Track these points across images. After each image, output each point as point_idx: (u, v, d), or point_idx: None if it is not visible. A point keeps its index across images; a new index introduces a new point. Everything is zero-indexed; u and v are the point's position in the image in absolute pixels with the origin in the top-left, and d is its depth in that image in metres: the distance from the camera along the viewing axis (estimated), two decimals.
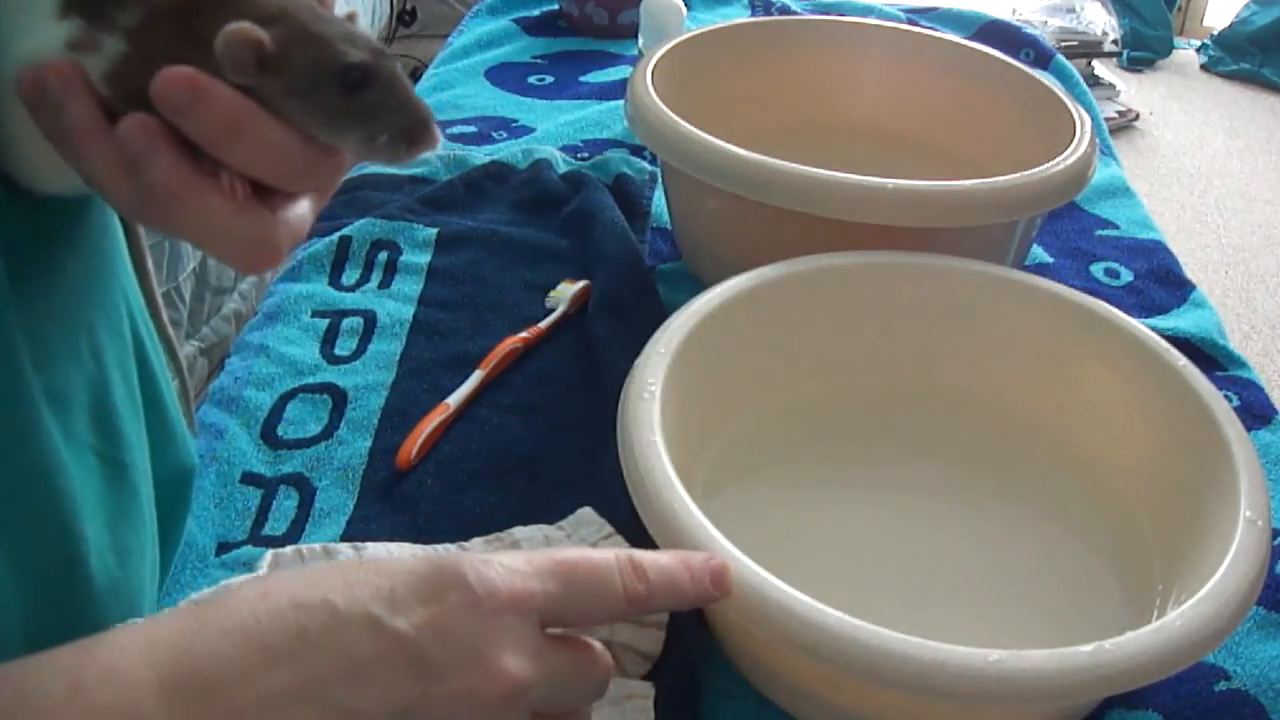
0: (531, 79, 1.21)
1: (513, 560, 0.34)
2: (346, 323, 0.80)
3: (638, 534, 0.53)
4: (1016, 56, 1.06)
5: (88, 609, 0.49)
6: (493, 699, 0.32)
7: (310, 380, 0.74)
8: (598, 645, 0.36)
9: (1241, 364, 0.80)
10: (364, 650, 0.31)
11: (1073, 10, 3.16)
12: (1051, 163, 0.74)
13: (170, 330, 0.55)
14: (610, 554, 0.36)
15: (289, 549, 0.58)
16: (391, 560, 0.32)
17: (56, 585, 0.46)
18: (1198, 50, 3.65)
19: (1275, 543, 0.54)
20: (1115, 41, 3.16)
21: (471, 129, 1.09)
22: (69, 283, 0.45)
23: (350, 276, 0.85)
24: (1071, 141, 0.77)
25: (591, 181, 0.95)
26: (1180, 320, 0.84)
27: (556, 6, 1.36)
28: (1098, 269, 0.92)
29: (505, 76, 1.22)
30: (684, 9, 1.10)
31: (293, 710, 0.30)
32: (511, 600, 0.33)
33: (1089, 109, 1.12)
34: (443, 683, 0.31)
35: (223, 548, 0.62)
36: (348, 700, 0.30)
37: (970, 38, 1.24)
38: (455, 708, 0.31)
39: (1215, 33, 3.60)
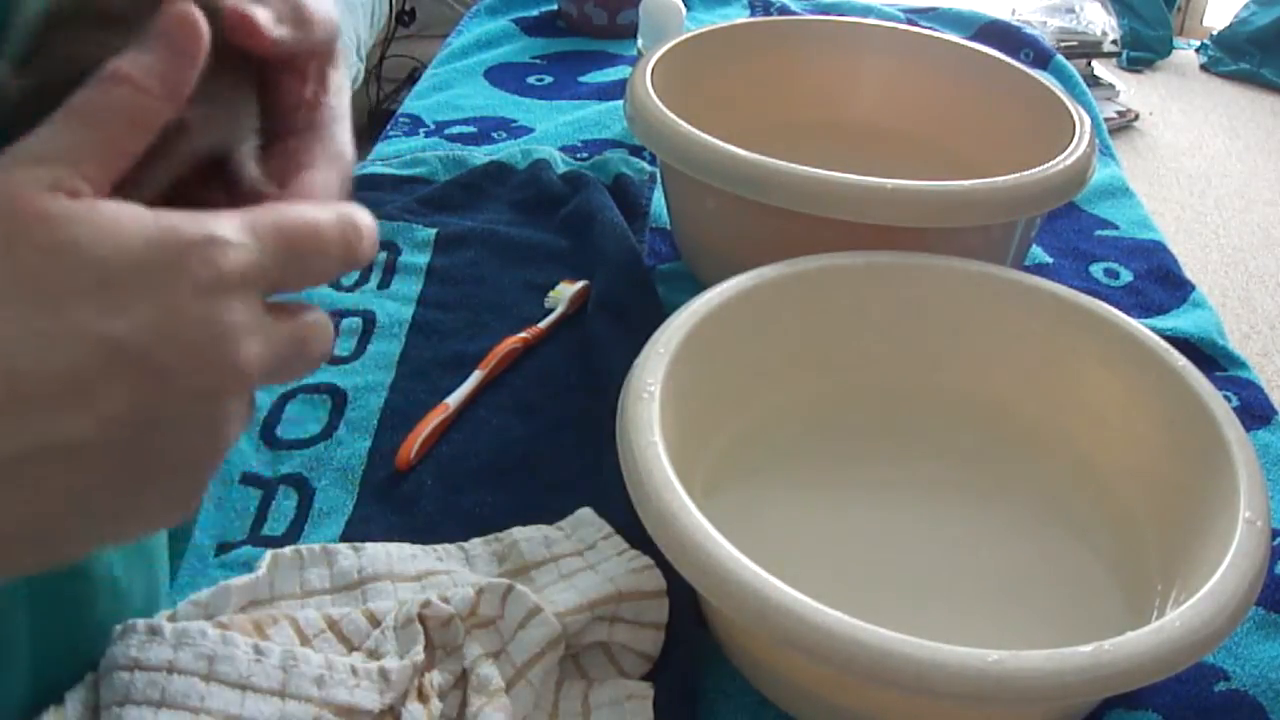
0: (530, 79, 1.21)
1: (235, 230, 0.29)
2: (346, 323, 0.80)
3: (638, 534, 0.53)
4: (1016, 56, 1.06)
5: (91, 608, 0.49)
6: (230, 394, 0.29)
7: (309, 380, 0.74)
8: (318, 313, 0.32)
9: (1241, 364, 0.80)
10: (87, 370, 0.26)
11: (1072, 10, 3.17)
12: (1051, 163, 0.74)
13: None
14: (324, 217, 0.32)
15: (288, 549, 0.57)
16: (98, 232, 0.27)
17: (59, 585, 0.46)
18: (1197, 50, 3.65)
19: (1275, 543, 0.54)
20: (1115, 42, 3.16)
21: (471, 129, 1.09)
22: None
23: (349, 277, 0.85)
24: (1071, 141, 0.77)
25: (591, 181, 0.95)
26: (1180, 320, 0.84)
27: (555, 7, 1.36)
28: (1097, 269, 0.92)
29: (504, 77, 1.22)
30: (684, 9, 1.10)
31: (29, 475, 0.26)
32: (241, 280, 0.29)
33: (1089, 109, 1.12)
34: (180, 384, 0.28)
35: (222, 548, 0.62)
36: (77, 433, 0.26)
37: (970, 38, 1.24)
38: (190, 409, 0.28)
39: (1215, 33, 3.60)
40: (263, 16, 0.32)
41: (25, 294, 0.26)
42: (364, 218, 0.33)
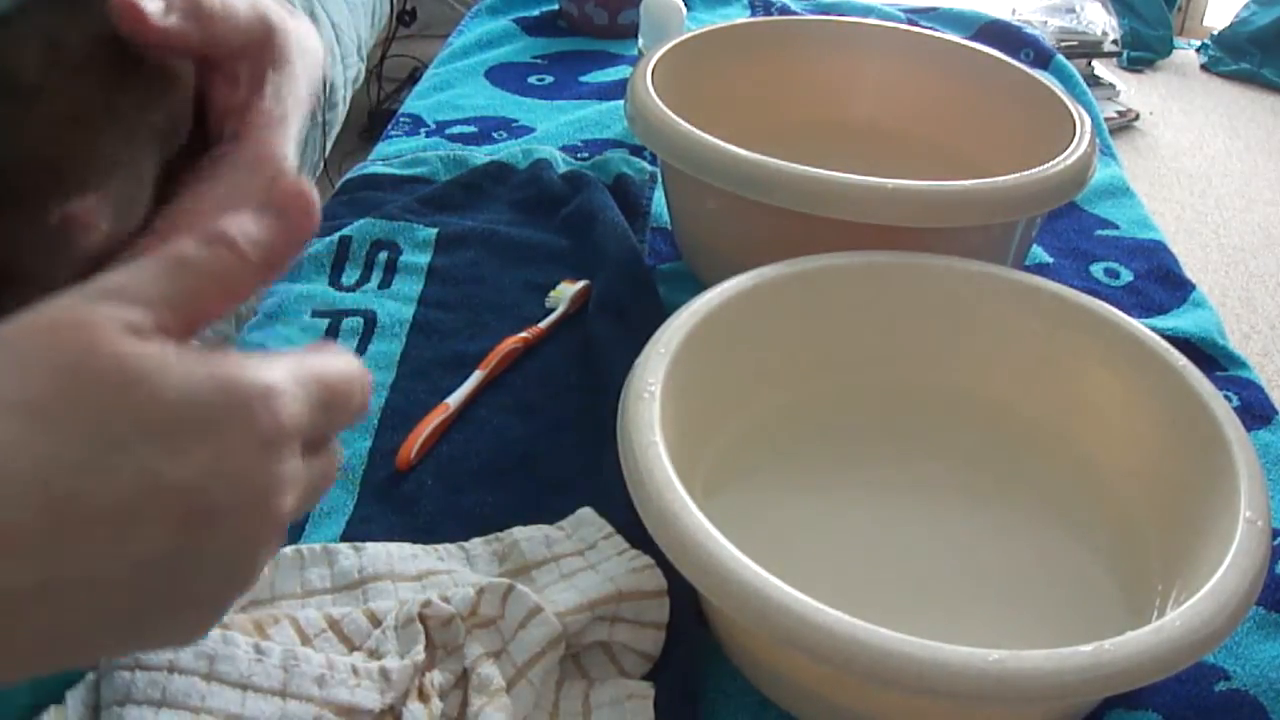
0: (531, 79, 1.21)
1: (291, 385, 0.30)
2: (346, 323, 0.80)
3: (638, 534, 0.53)
4: (1016, 56, 1.06)
5: None
6: (266, 546, 0.30)
7: None
8: (337, 448, 0.33)
9: (1241, 364, 0.80)
10: (132, 508, 0.26)
11: (1073, 10, 3.16)
12: (1051, 163, 0.74)
13: None
14: (356, 366, 0.32)
15: (289, 549, 0.58)
16: (170, 373, 0.27)
17: None
18: (1198, 50, 3.65)
19: (1275, 543, 0.54)
20: (1115, 42, 3.16)
21: (471, 129, 1.09)
22: None
23: (350, 276, 0.85)
24: (1071, 141, 0.77)
25: (591, 181, 0.95)
26: (1180, 320, 0.84)
27: (556, 6, 1.36)
28: (1098, 269, 0.92)
29: (505, 76, 1.22)
30: (684, 9, 1.10)
31: (61, 595, 0.27)
32: (293, 432, 0.29)
33: (1089, 109, 1.12)
34: (221, 532, 0.28)
35: None
36: (114, 563, 0.27)
37: (970, 38, 1.24)
38: (223, 553, 0.29)
39: (1215, 33, 3.60)
40: (151, 6, 0.32)
41: (89, 425, 0.26)
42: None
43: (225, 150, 0.36)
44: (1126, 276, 0.91)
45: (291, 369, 0.30)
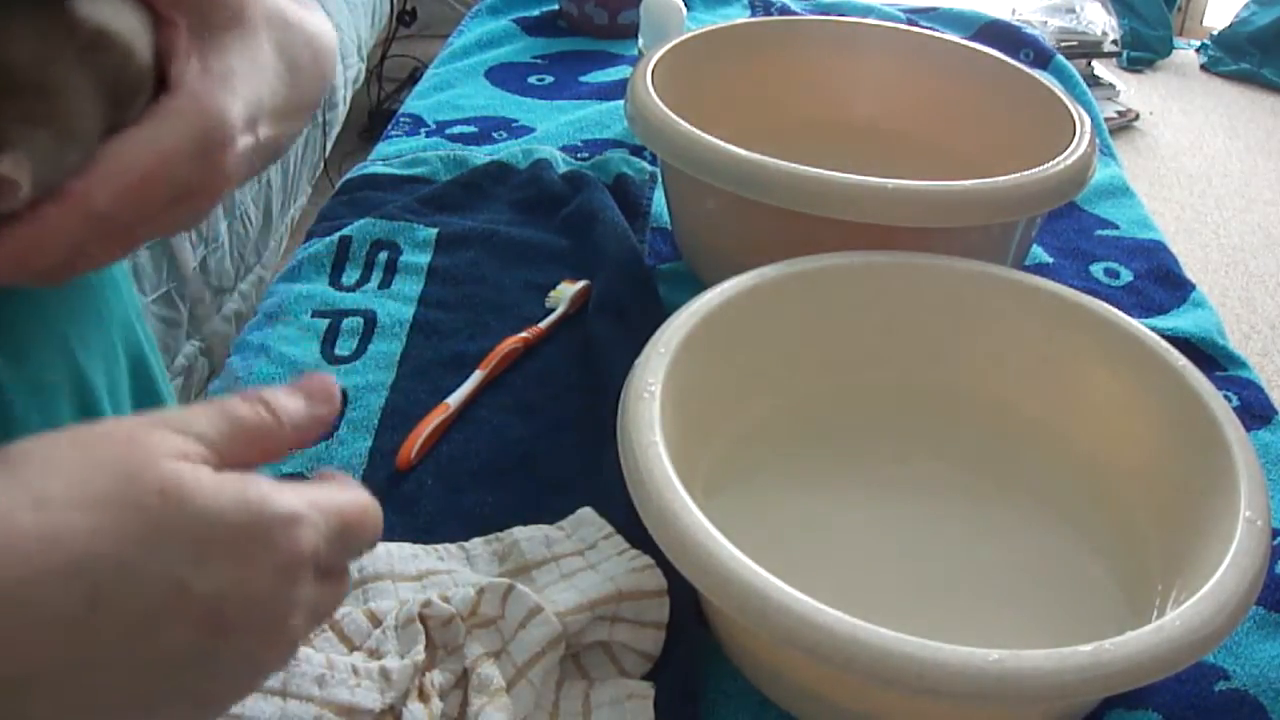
0: (531, 79, 1.21)
1: (312, 515, 0.33)
2: (347, 323, 0.80)
3: (638, 534, 0.53)
4: (1016, 56, 1.06)
5: None
6: (275, 659, 0.33)
7: None
8: (350, 571, 0.37)
9: (1241, 364, 0.80)
10: (159, 607, 0.29)
11: (1072, 10, 3.16)
12: (1051, 163, 0.74)
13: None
14: (369, 499, 0.36)
15: None
16: (203, 491, 0.30)
17: None
18: (1197, 50, 3.65)
19: (1275, 543, 0.54)
20: (1115, 42, 3.16)
21: (471, 129, 1.09)
22: None
23: (350, 276, 0.85)
24: (1071, 141, 0.77)
25: (591, 181, 0.95)
26: (1180, 320, 0.84)
27: (556, 6, 1.36)
28: (1097, 269, 0.92)
29: (505, 76, 1.22)
30: (684, 9, 1.10)
31: (82, 674, 0.29)
32: (311, 559, 0.32)
33: (1089, 109, 1.12)
34: (234, 641, 0.31)
35: None
36: (134, 654, 0.30)
37: (970, 38, 1.24)
38: (239, 663, 0.32)
39: (1215, 33, 3.60)
40: None
41: (135, 528, 0.29)
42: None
43: (162, 99, 0.38)
44: (1126, 276, 0.91)
45: (313, 499, 0.33)
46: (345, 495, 0.35)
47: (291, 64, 0.45)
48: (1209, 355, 0.81)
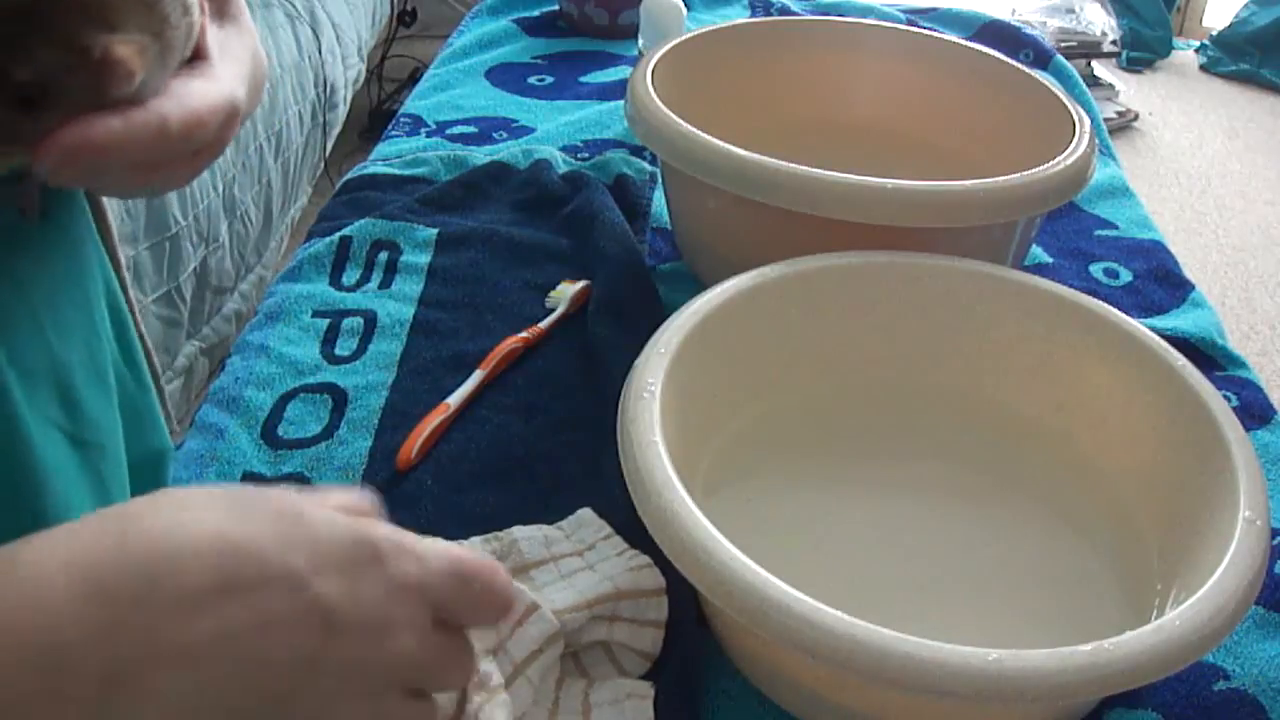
0: (531, 79, 1.21)
1: (424, 551, 0.36)
2: (347, 323, 0.80)
3: (638, 534, 0.53)
4: (1016, 57, 1.06)
5: None
6: (382, 668, 0.35)
7: (310, 380, 0.74)
8: (470, 641, 0.38)
9: (1241, 364, 0.80)
10: (282, 607, 0.32)
11: (1072, 10, 3.16)
12: (1051, 163, 0.74)
13: (134, 303, 0.57)
14: (505, 572, 0.38)
15: None
16: (318, 517, 0.35)
17: None
18: (1197, 51, 3.65)
19: (1275, 542, 0.54)
20: (1114, 42, 3.16)
21: (472, 129, 1.09)
22: (25, 249, 0.45)
23: (350, 277, 0.85)
24: (1071, 141, 0.77)
25: (591, 181, 0.95)
26: (1179, 320, 0.84)
27: (556, 7, 1.36)
28: (1097, 269, 0.92)
29: (505, 77, 1.22)
30: (684, 9, 1.11)
31: (205, 658, 0.31)
32: (418, 588, 0.35)
33: (1088, 109, 1.12)
34: (345, 645, 0.33)
35: None
36: (257, 651, 0.32)
37: (970, 38, 1.24)
38: (349, 669, 0.34)
39: (1214, 33, 3.60)
40: None
41: (267, 529, 0.34)
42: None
43: (199, 64, 0.42)
44: (1126, 276, 0.91)
45: (433, 543, 0.37)
46: (471, 554, 0.38)
47: (255, 69, 0.48)
48: (1208, 355, 0.81)
